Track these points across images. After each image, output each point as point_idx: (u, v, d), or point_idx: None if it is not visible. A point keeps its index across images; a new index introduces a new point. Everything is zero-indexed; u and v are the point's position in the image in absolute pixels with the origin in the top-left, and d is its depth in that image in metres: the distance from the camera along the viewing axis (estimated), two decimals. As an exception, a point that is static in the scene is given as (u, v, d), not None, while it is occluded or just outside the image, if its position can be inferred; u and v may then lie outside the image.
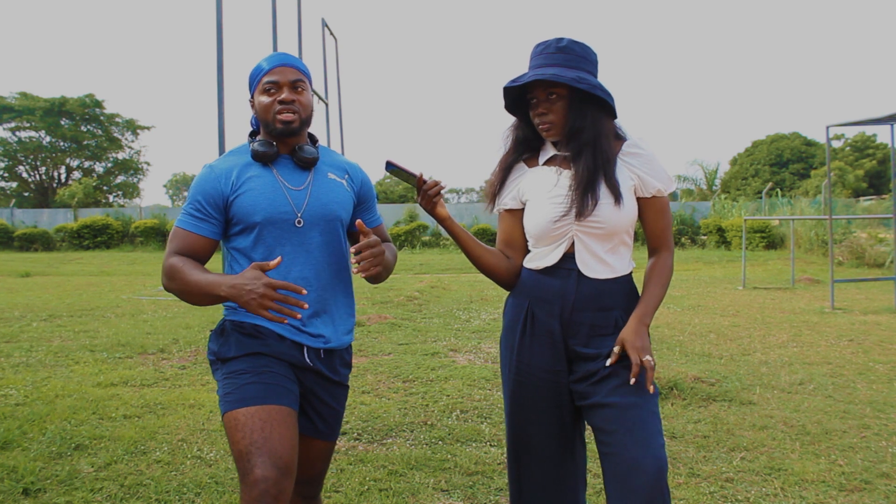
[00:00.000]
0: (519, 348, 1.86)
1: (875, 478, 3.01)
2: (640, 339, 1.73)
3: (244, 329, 1.78)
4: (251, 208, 1.75)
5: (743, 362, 5.32)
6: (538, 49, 1.81)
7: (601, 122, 1.78)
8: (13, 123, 36.20)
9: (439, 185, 1.81)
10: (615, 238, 1.80)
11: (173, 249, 1.75)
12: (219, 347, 1.80)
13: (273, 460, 1.58)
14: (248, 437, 1.61)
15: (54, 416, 3.88)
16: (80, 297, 9.94)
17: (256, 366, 1.73)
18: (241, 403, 1.66)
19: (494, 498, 2.84)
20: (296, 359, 1.79)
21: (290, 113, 1.76)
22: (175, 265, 1.71)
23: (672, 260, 1.85)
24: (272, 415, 1.65)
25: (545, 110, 1.78)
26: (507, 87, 1.81)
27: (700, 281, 11.87)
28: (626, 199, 1.77)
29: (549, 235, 1.81)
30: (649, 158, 1.81)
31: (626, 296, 1.83)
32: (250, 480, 1.56)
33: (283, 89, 1.77)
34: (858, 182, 30.83)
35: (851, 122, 8.61)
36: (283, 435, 1.63)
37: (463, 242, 1.89)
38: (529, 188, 1.87)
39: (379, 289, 10.45)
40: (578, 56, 1.78)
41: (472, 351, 5.83)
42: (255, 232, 1.77)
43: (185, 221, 1.77)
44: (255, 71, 1.83)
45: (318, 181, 1.84)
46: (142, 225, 22.53)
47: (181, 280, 1.68)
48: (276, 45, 4.61)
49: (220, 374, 1.78)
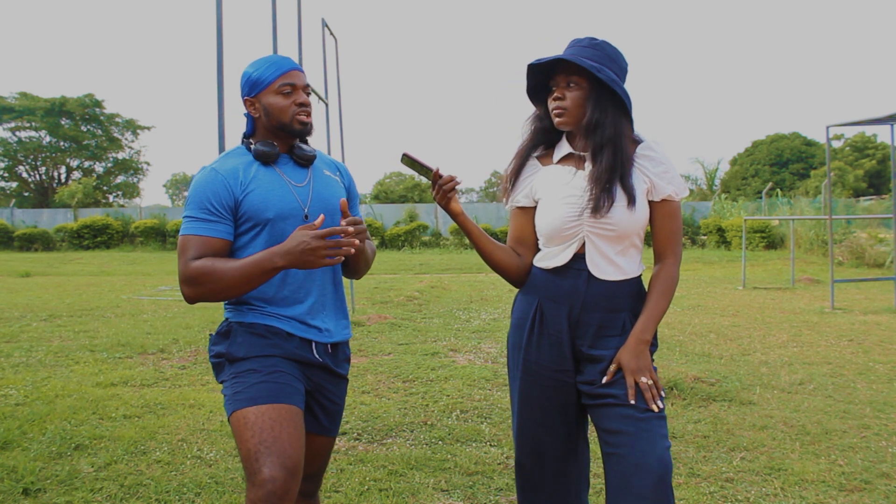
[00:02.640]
0: (527, 347, 1.86)
1: (875, 478, 3.01)
2: (635, 361, 1.71)
3: (254, 329, 1.79)
4: (263, 205, 1.77)
5: (743, 362, 5.32)
6: (572, 42, 1.82)
7: (621, 123, 1.77)
8: (13, 123, 36.19)
9: (455, 181, 1.81)
10: (626, 240, 1.79)
11: (192, 256, 1.71)
12: (227, 348, 1.79)
13: (282, 461, 1.59)
14: (257, 437, 1.62)
15: (54, 416, 3.88)
16: (80, 297, 9.94)
17: (266, 366, 1.74)
18: (251, 402, 1.67)
19: (494, 498, 2.84)
20: (305, 356, 1.81)
21: (307, 115, 1.84)
22: (202, 267, 1.68)
23: (677, 269, 1.81)
24: (282, 414, 1.66)
25: (561, 95, 1.78)
26: (531, 65, 1.80)
27: (700, 281, 11.87)
28: (639, 202, 1.76)
29: (560, 235, 1.81)
30: (663, 161, 1.80)
31: (635, 298, 1.82)
32: (258, 480, 1.57)
33: (299, 92, 1.83)
34: (858, 182, 30.84)
35: (851, 122, 8.60)
36: (291, 435, 1.65)
37: (475, 238, 1.89)
38: (542, 186, 1.87)
39: (379, 289, 10.46)
40: (609, 56, 1.78)
41: (472, 351, 5.83)
42: (265, 229, 1.78)
43: (197, 227, 1.74)
44: (259, 73, 1.82)
45: (317, 178, 1.90)
46: (142, 225, 22.53)
47: (216, 277, 1.67)
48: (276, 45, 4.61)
49: (228, 373, 1.78)
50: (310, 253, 1.61)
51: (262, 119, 1.84)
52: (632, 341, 1.74)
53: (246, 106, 1.86)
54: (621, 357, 1.73)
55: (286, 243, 1.64)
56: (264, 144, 1.82)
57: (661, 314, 1.78)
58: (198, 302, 1.73)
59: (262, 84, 1.81)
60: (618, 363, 1.74)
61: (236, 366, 1.76)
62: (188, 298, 1.73)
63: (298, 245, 1.61)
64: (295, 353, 1.79)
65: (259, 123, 1.85)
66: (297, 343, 1.80)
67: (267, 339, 1.78)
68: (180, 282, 1.72)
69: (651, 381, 1.71)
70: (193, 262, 1.70)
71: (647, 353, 1.74)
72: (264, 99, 1.82)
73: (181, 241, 1.74)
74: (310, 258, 1.62)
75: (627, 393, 1.70)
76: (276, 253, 1.64)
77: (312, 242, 1.61)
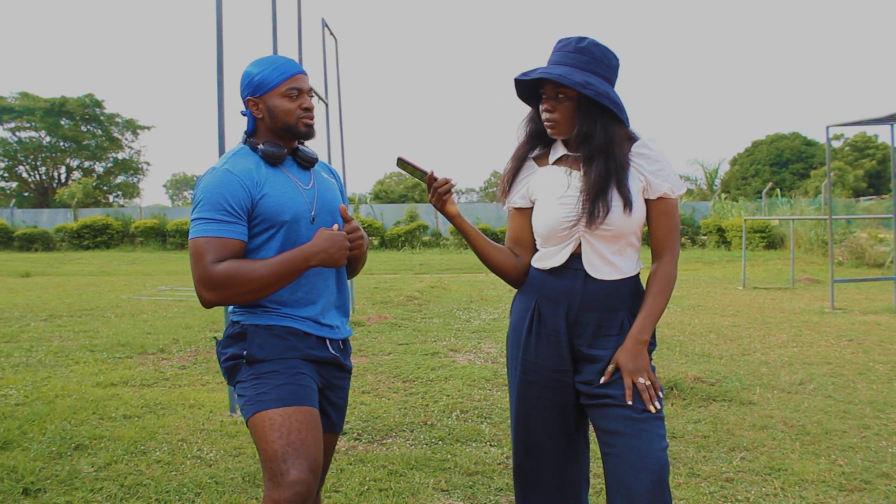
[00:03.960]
0: (525, 347, 1.86)
1: (875, 478, 3.01)
2: (633, 361, 1.71)
3: (273, 331, 1.79)
4: (280, 207, 1.77)
5: (743, 362, 5.32)
6: (559, 45, 1.80)
7: (612, 129, 1.75)
8: (13, 123, 36.20)
9: (450, 183, 1.82)
10: (622, 240, 1.79)
11: (213, 260, 1.67)
12: (245, 350, 1.78)
13: (308, 463, 1.62)
14: (284, 438, 1.63)
15: (54, 416, 3.88)
16: (80, 297, 9.94)
17: (288, 367, 1.76)
18: (277, 404, 1.68)
19: (494, 498, 2.84)
20: (321, 354, 1.83)
21: (311, 119, 1.86)
22: (228, 270, 1.66)
23: (674, 267, 1.80)
24: (307, 417, 1.69)
25: (551, 108, 1.77)
26: (517, 79, 1.81)
27: (700, 281, 11.87)
28: (635, 202, 1.76)
29: (556, 236, 1.81)
30: (658, 159, 1.79)
31: (632, 297, 1.82)
32: (286, 482, 1.59)
33: (305, 96, 1.84)
34: (858, 182, 30.83)
35: (851, 122, 8.61)
36: (316, 438, 1.68)
37: (472, 240, 1.90)
38: (539, 187, 1.87)
39: (379, 289, 10.46)
40: (596, 59, 1.76)
41: (472, 351, 5.83)
42: (280, 231, 1.78)
43: (214, 229, 1.69)
44: (265, 74, 1.81)
45: (318, 180, 1.92)
46: (142, 225, 22.53)
47: (245, 279, 1.66)
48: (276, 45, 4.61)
49: (247, 375, 1.76)
50: (342, 252, 1.73)
51: (265, 120, 1.83)
52: (629, 342, 1.74)
53: (248, 105, 1.84)
54: (619, 357, 1.73)
55: (317, 243, 1.72)
56: (272, 146, 1.82)
57: (658, 314, 1.77)
58: (216, 306, 1.71)
59: (268, 86, 1.81)
60: (616, 363, 1.74)
61: (256, 367, 1.76)
62: (208, 303, 1.69)
63: (331, 246, 1.72)
64: (312, 353, 1.81)
65: (262, 124, 1.84)
66: (314, 342, 1.83)
67: (286, 341, 1.79)
68: (200, 286, 1.67)
69: (649, 381, 1.71)
70: (217, 266, 1.66)
71: (646, 353, 1.74)
72: (270, 101, 1.81)
73: (195, 244, 1.69)
74: (340, 256, 1.74)
75: (625, 394, 1.70)
76: (309, 252, 1.71)
77: (340, 241, 1.73)
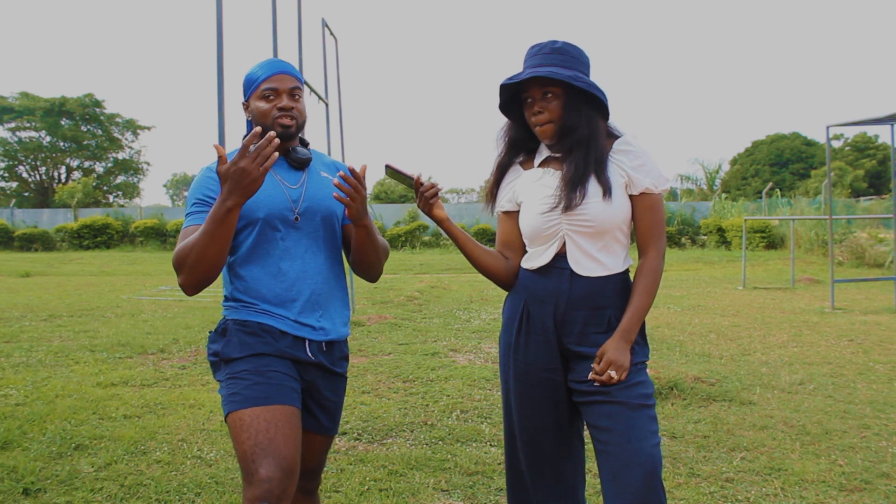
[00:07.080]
0: (516, 346, 1.88)
1: (875, 478, 3.01)
2: (615, 353, 1.73)
3: (247, 328, 1.80)
4: (254, 205, 1.79)
5: (743, 362, 5.32)
6: (533, 50, 1.83)
7: (595, 122, 1.79)
8: (13, 123, 36.20)
9: (436, 188, 1.84)
10: (606, 236, 1.80)
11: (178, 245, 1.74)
12: (221, 347, 1.81)
13: (277, 461, 1.61)
14: (252, 438, 1.64)
15: (54, 416, 3.88)
16: (80, 297, 9.94)
17: (260, 366, 1.75)
18: (245, 404, 1.69)
19: (494, 498, 2.84)
20: (298, 354, 1.82)
21: (289, 119, 1.84)
22: (177, 249, 1.70)
23: (660, 262, 1.81)
24: (277, 415, 1.68)
25: (541, 109, 1.79)
26: (504, 84, 1.82)
27: (700, 281, 11.87)
28: (616, 196, 1.78)
29: (540, 235, 1.83)
30: (639, 155, 1.81)
31: (620, 294, 1.83)
32: (255, 480, 1.59)
33: (283, 96, 1.84)
34: (858, 182, 30.83)
35: (851, 122, 8.61)
36: (287, 436, 1.67)
37: (461, 244, 1.92)
38: (524, 190, 1.90)
39: (379, 289, 10.46)
40: (572, 57, 1.80)
41: (472, 351, 5.83)
42: (256, 228, 1.81)
43: (192, 219, 1.76)
44: (251, 76, 1.87)
45: (311, 179, 1.92)
46: (142, 225, 22.54)
47: (187, 249, 1.66)
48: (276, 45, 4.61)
49: (223, 374, 1.79)
50: (243, 174, 1.58)
51: (254, 122, 1.87)
52: (616, 339, 1.76)
53: (243, 109, 1.91)
54: (606, 347, 1.75)
55: (223, 179, 1.61)
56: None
57: (644, 310, 1.79)
58: (193, 288, 1.71)
59: (251, 88, 1.86)
60: (601, 355, 1.75)
61: (231, 366, 1.78)
62: (182, 286, 1.72)
63: (231, 176, 1.59)
64: (287, 352, 1.80)
65: (254, 125, 1.87)
66: (290, 341, 1.81)
67: (259, 338, 1.79)
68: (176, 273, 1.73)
69: (619, 379, 1.72)
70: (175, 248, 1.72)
71: (629, 352, 1.75)
72: (252, 103, 1.86)
73: (184, 231, 1.76)
74: (246, 178, 1.58)
75: (590, 375, 1.73)
76: (220, 199, 1.62)
77: (240, 164, 1.57)
